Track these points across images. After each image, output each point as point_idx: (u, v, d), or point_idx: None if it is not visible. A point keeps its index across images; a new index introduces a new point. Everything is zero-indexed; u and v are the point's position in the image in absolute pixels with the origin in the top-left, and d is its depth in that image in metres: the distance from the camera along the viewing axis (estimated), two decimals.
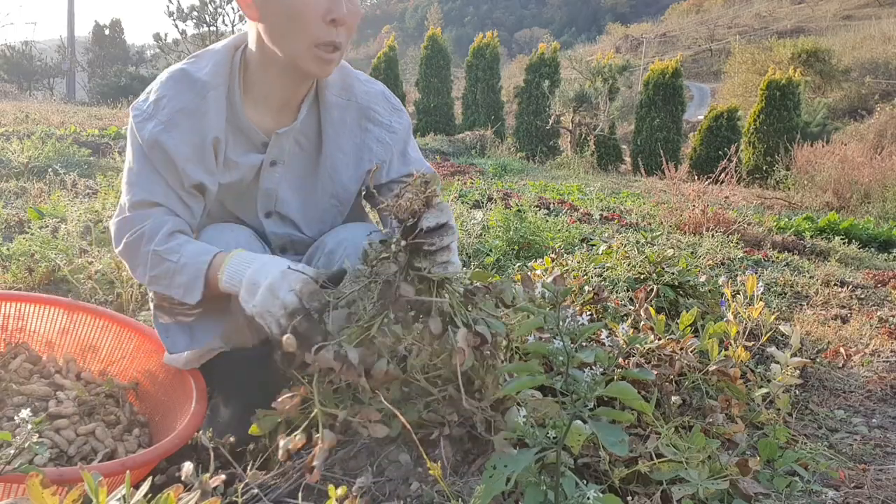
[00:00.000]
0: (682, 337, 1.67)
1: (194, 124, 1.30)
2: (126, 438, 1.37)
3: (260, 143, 1.39)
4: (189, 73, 1.32)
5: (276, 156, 1.41)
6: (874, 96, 26.23)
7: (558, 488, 0.98)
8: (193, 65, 1.34)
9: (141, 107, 1.32)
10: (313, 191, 1.47)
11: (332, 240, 1.46)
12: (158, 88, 1.32)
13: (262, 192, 1.43)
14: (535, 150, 15.59)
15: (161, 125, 1.28)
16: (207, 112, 1.30)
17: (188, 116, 1.29)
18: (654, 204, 6.13)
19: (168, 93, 1.30)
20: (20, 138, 6.14)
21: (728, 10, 57.13)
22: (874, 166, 9.24)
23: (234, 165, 1.38)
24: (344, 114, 1.42)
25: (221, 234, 1.38)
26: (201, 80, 1.30)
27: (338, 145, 1.43)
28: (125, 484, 0.75)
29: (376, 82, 1.49)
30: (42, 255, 2.36)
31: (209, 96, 1.30)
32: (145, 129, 1.29)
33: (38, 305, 1.58)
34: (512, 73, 29.97)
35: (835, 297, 3.33)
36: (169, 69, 1.36)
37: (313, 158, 1.45)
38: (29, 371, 1.47)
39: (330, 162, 1.44)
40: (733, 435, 1.48)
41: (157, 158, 1.29)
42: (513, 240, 3.44)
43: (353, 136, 1.44)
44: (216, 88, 1.31)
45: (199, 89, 1.30)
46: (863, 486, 1.38)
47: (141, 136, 1.29)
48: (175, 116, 1.29)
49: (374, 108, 1.45)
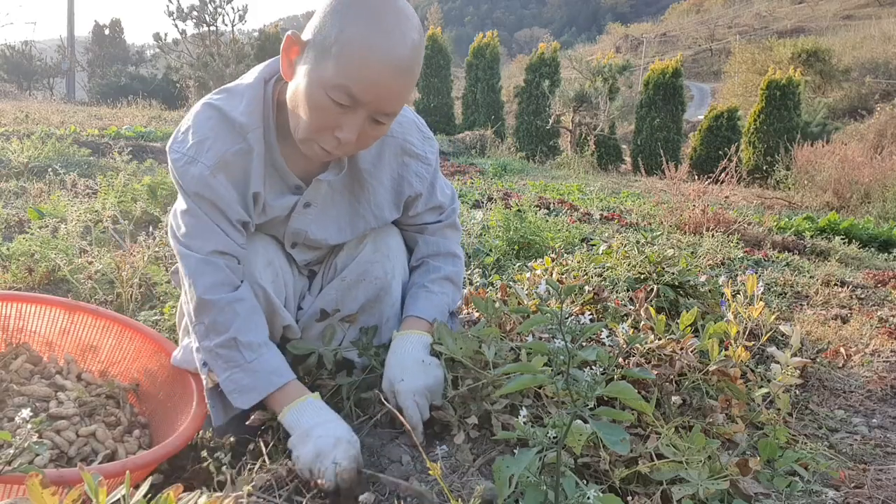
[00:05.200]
0: (682, 337, 1.67)
1: (237, 168, 1.27)
2: (126, 440, 1.37)
3: (293, 185, 1.36)
4: (226, 112, 1.26)
5: (311, 198, 1.38)
6: (874, 96, 26.22)
7: (558, 488, 0.98)
8: (226, 102, 1.28)
9: (180, 149, 1.26)
10: (352, 227, 1.47)
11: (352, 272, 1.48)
12: (196, 129, 1.26)
13: (291, 230, 1.42)
14: (535, 149, 15.58)
15: (207, 169, 1.24)
16: (250, 155, 1.27)
17: (232, 159, 1.26)
18: (654, 204, 6.13)
19: (210, 134, 1.25)
20: (20, 138, 6.14)
21: (728, 9, 57.12)
22: (874, 166, 9.23)
23: (270, 209, 1.36)
24: (381, 147, 1.39)
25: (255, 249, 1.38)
26: (239, 122, 1.25)
27: (379, 180, 1.42)
28: (125, 484, 0.75)
29: (407, 110, 1.44)
30: (42, 255, 2.36)
31: (249, 138, 1.26)
32: (189, 172, 1.25)
33: (39, 306, 1.57)
34: (512, 73, 29.96)
35: (835, 297, 3.33)
36: (201, 107, 1.29)
37: (349, 196, 1.43)
38: (30, 372, 1.47)
39: (374, 199, 1.43)
40: (733, 435, 1.48)
41: (203, 204, 1.26)
42: (513, 240, 3.44)
43: (391, 170, 1.43)
44: (254, 130, 1.26)
45: (239, 130, 1.26)
46: (863, 486, 1.38)
47: (184, 179, 1.25)
48: (220, 160, 1.25)
49: (410, 139, 1.42)
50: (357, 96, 1.11)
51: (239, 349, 1.26)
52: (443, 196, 1.53)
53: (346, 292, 1.49)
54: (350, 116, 1.14)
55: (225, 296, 1.27)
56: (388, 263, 1.50)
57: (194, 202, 1.27)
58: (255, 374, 1.26)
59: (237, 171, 1.27)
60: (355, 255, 1.49)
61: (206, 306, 1.27)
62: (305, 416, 1.22)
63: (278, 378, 1.26)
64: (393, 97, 1.14)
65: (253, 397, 1.26)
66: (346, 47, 1.09)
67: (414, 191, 1.45)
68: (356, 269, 1.48)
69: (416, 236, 1.57)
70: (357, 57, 1.09)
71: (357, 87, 1.11)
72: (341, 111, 1.14)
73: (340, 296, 1.49)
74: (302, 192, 1.37)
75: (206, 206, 1.26)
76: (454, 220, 1.59)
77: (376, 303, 1.50)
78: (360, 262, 1.48)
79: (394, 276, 1.51)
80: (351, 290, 1.49)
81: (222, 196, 1.26)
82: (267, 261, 1.40)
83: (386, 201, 1.45)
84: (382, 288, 1.50)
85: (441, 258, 1.56)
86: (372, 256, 1.48)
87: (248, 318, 1.28)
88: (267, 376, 1.26)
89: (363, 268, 1.48)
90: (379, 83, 1.11)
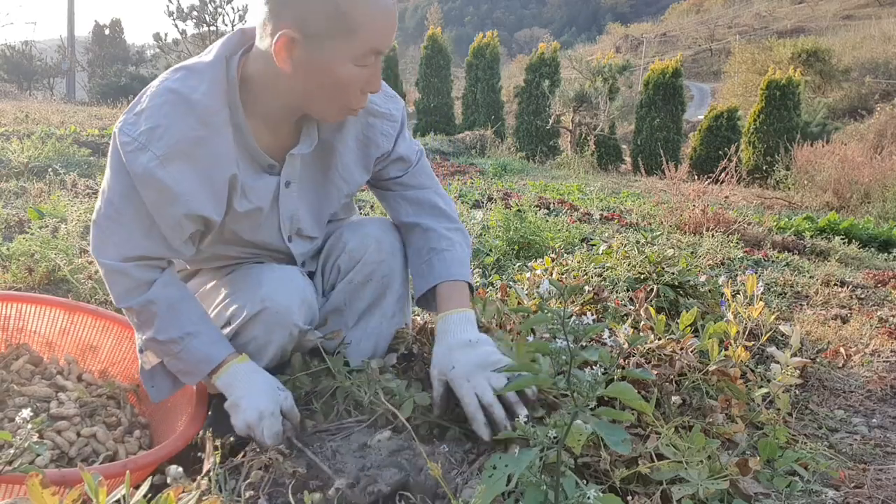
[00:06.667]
0: (682, 337, 1.67)
1: (199, 155, 1.19)
2: (127, 440, 1.37)
3: (266, 164, 1.32)
4: (184, 95, 1.18)
5: (289, 176, 1.35)
6: (874, 96, 26.22)
7: (558, 488, 0.98)
8: (184, 83, 1.20)
9: (131, 132, 1.18)
10: (327, 196, 1.45)
11: (353, 238, 1.49)
12: (151, 114, 1.18)
13: (286, 216, 1.39)
14: (535, 149, 15.58)
15: (156, 159, 1.16)
16: (215, 142, 1.20)
17: (191, 146, 1.18)
18: (654, 204, 6.13)
19: (163, 121, 1.17)
20: (20, 138, 6.14)
21: (728, 9, 57.12)
22: (874, 166, 9.24)
23: (251, 190, 1.31)
24: None
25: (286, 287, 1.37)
26: (201, 104, 1.18)
27: (345, 144, 1.40)
28: (125, 484, 0.76)
29: None
30: (42, 255, 2.36)
31: (213, 122, 1.20)
32: (137, 161, 1.16)
33: (39, 306, 1.57)
34: (512, 73, 29.97)
35: (835, 297, 3.33)
36: (157, 89, 1.21)
37: (320, 165, 1.41)
38: (30, 372, 1.47)
39: (341, 164, 1.42)
40: (733, 435, 1.48)
41: (149, 195, 1.19)
42: (513, 240, 3.44)
43: (356, 131, 1.41)
44: (218, 113, 1.20)
45: (200, 114, 1.18)
46: (863, 486, 1.38)
47: (132, 168, 1.17)
48: (174, 148, 1.17)
49: (372, 99, 1.38)
50: (382, 49, 1.19)
51: (166, 344, 1.29)
52: (407, 150, 1.50)
53: (353, 293, 1.50)
54: (373, 68, 1.21)
55: (138, 299, 1.28)
56: (393, 261, 1.50)
57: (134, 192, 1.19)
58: (187, 363, 1.31)
59: (200, 157, 1.19)
60: (360, 256, 1.48)
61: (126, 311, 1.32)
62: (233, 384, 1.28)
63: (206, 366, 1.29)
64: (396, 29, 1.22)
65: (194, 379, 1.33)
66: (365, 15, 1.13)
67: (381, 150, 1.44)
68: (363, 271, 1.48)
69: (395, 198, 1.54)
70: (378, 15, 1.15)
71: (383, 42, 1.17)
72: (366, 70, 1.19)
73: (348, 297, 1.50)
74: (275, 171, 1.33)
75: (151, 196, 1.19)
76: (423, 164, 1.54)
77: (381, 300, 1.52)
78: (366, 262, 1.48)
79: (399, 272, 1.52)
80: (358, 291, 1.50)
81: (169, 187, 1.18)
82: (301, 299, 1.38)
83: (354, 163, 1.43)
84: (388, 286, 1.51)
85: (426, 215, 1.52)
86: (377, 256, 1.49)
87: (166, 315, 1.29)
88: (196, 365, 1.30)
89: (370, 268, 1.48)
90: (394, 24, 1.19)
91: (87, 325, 1.60)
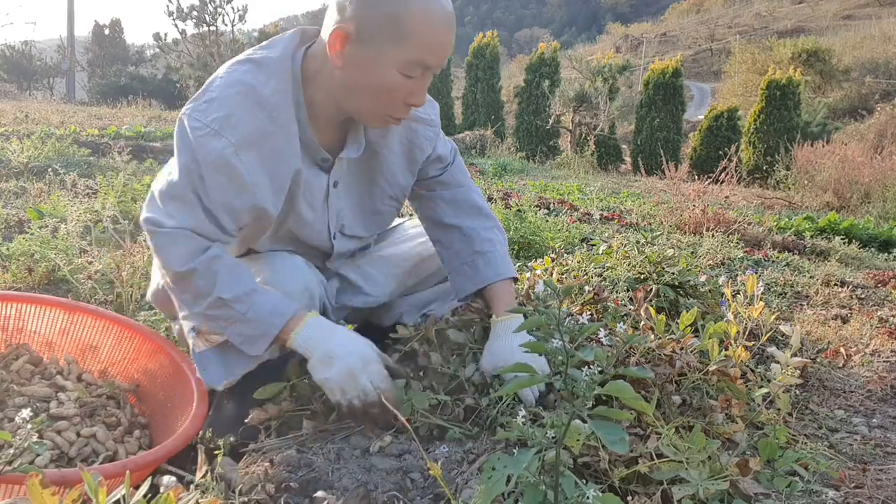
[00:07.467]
0: (682, 337, 1.67)
1: (267, 149, 1.23)
2: (127, 440, 1.37)
3: (320, 159, 1.36)
4: (255, 88, 1.22)
5: (337, 176, 1.41)
6: (874, 96, 26.20)
7: (558, 488, 0.98)
8: (255, 76, 1.23)
9: (201, 118, 1.20)
10: (371, 199, 1.50)
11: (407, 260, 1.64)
12: (223, 103, 1.21)
13: (333, 213, 1.44)
14: (535, 150, 15.58)
15: (231, 146, 1.18)
16: (281, 138, 1.24)
17: (260, 139, 1.22)
18: (654, 204, 6.13)
19: (237, 111, 1.20)
20: (20, 138, 6.13)
21: (728, 9, 57.11)
22: (874, 166, 9.23)
23: (309, 186, 1.35)
24: None
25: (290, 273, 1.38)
26: (271, 101, 1.22)
27: (390, 149, 1.45)
28: (125, 484, 0.76)
29: None
30: (42, 255, 2.36)
31: (280, 119, 1.24)
32: (210, 146, 1.18)
33: (38, 306, 1.57)
34: (512, 72, 29.94)
35: (835, 297, 3.32)
36: (227, 79, 1.24)
37: (366, 168, 1.45)
38: (30, 372, 1.47)
39: (386, 167, 1.46)
40: (733, 435, 1.48)
41: (219, 180, 1.20)
42: (513, 240, 3.44)
43: (400, 137, 1.46)
44: (286, 110, 1.24)
45: (270, 111, 1.22)
46: (863, 486, 1.38)
47: (203, 152, 1.19)
48: (247, 139, 1.20)
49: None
50: (430, 64, 1.20)
51: (229, 305, 1.24)
52: (444, 149, 1.57)
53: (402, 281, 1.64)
54: (420, 82, 1.22)
55: (200, 258, 1.23)
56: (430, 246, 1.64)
57: (202, 175, 1.20)
58: (255, 323, 1.25)
59: (267, 152, 1.24)
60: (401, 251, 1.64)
61: (185, 276, 1.24)
62: (317, 336, 1.24)
63: (279, 319, 1.25)
64: (451, 51, 1.23)
65: (263, 343, 1.26)
66: (417, 25, 1.15)
67: (425, 154, 1.51)
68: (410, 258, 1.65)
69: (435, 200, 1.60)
70: (429, 31, 1.16)
71: (432, 58, 1.19)
72: (412, 81, 1.21)
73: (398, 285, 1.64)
74: (327, 165, 1.38)
75: (219, 180, 1.20)
76: (458, 161, 1.63)
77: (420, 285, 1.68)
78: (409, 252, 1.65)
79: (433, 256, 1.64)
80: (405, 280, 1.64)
81: (241, 175, 1.21)
82: (304, 287, 1.39)
83: (398, 167, 1.48)
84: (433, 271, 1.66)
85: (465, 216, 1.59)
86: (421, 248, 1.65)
87: (228, 274, 1.25)
88: (267, 320, 1.25)
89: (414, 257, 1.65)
90: (446, 45, 1.21)
91: (87, 325, 1.60)
